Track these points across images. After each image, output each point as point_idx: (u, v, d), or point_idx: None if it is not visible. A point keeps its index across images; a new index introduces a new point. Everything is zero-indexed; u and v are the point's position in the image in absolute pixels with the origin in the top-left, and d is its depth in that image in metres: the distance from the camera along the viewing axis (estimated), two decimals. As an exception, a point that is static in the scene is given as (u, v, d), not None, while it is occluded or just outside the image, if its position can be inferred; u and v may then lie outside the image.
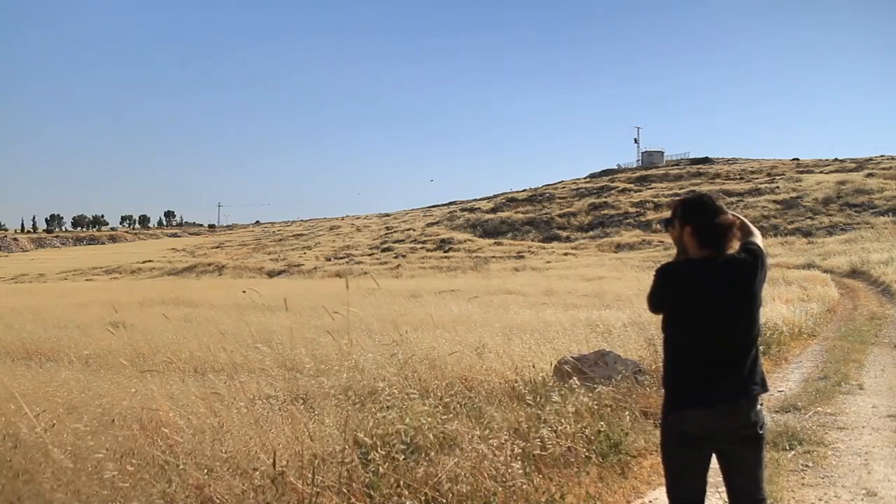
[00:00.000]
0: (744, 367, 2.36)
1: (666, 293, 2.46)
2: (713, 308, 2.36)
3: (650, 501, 3.79)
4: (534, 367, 5.82)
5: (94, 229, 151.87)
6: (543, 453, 3.91)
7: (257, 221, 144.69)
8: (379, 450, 3.44)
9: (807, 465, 4.37)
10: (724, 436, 2.35)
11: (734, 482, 2.41)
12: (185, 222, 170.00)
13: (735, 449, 2.37)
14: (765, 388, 2.39)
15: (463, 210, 65.48)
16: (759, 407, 2.37)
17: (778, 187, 46.94)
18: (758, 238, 2.54)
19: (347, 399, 4.18)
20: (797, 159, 61.21)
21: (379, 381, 4.75)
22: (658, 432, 2.60)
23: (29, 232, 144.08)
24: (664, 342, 2.52)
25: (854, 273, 21.69)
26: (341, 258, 51.97)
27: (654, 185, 56.77)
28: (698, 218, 2.43)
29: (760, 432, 2.36)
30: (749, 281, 2.38)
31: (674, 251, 2.60)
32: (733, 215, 2.56)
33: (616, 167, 74.37)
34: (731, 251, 2.46)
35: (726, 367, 2.35)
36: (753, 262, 2.40)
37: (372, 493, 3.27)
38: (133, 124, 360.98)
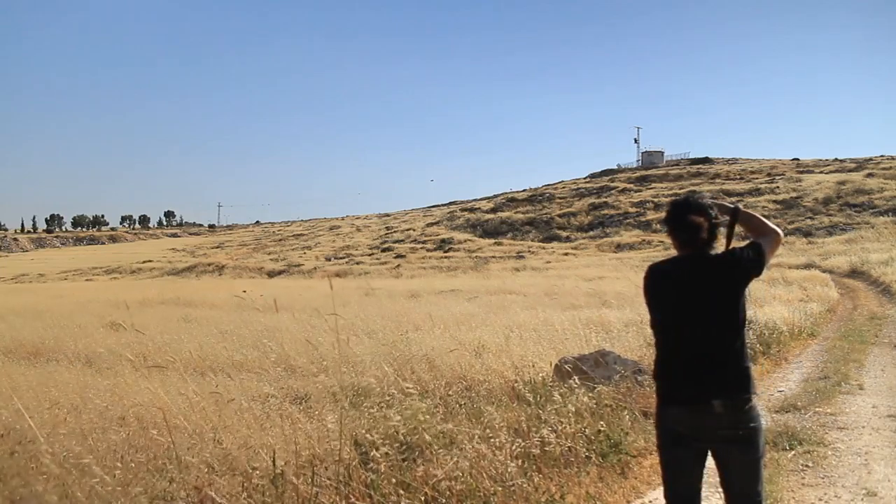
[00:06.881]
0: (721, 367, 2.33)
1: (647, 291, 2.50)
2: (689, 306, 2.36)
3: (650, 501, 3.78)
4: (533, 366, 5.81)
5: (94, 229, 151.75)
6: (543, 453, 3.91)
7: (257, 221, 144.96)
8: (378, 449, 3.44)
9: (807, 465, 4.37)
10: (706, 435, 2.34)
11: (728, 482, 2.40)
12: (185, 222, 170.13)
13: (726, 448, 2.36)
14: (746, 390, 2.32)
15: (463, 210, 65.42)
16: (746, 407, 2.31)
17: (778, 187, 46.92)
18: (767, 239, 2.47)
19: (346, 398, 4.18)
20: (797, 159, 61.20)
21: (378, 381, 4.75)
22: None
23: (29, 232, 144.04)
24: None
25: (854, 273, 21.67)
26: (341, 258, 51.93)
27: (654, 185, 56.74)
28: (672, 218, 2.47)
29: (741, 433, 2.31)
30: (725, 279, 2.36)
31: (673, 251, 2.61)
32: (747, 212, 2.53)
33: (616, 167, 74.37)
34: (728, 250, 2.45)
35: (704, 365, 2.34)
36: (731, 260, 2.38)
37: (371, 492, 3.26)
38: (133, 124, 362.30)
